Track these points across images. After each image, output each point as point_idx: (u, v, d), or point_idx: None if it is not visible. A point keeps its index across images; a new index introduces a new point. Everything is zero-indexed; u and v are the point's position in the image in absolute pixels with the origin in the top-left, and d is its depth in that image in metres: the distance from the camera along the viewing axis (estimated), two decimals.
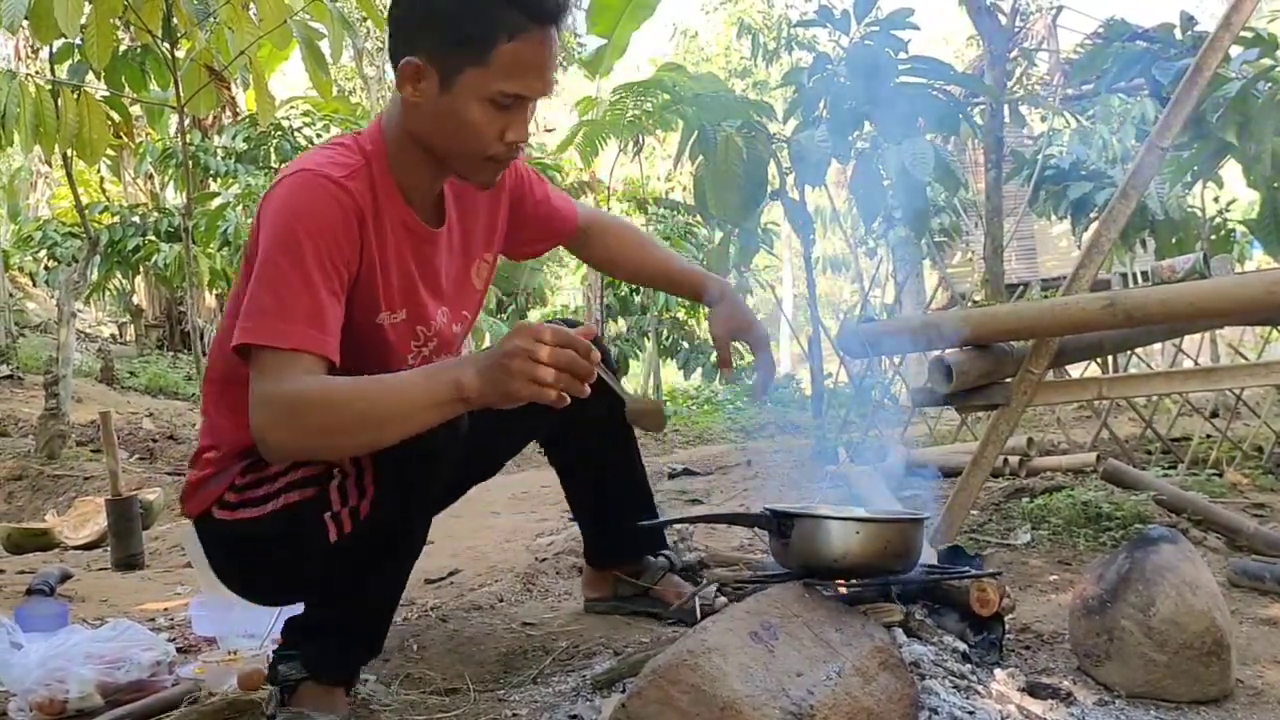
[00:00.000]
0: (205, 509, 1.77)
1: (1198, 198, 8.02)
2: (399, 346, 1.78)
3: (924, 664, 1.69)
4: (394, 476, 1.61)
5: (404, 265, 1.73)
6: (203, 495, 1.78)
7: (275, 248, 1.56)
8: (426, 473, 1.64)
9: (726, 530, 3.32)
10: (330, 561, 1.66)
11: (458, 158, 1.68)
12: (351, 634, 1.76)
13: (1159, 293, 2.58)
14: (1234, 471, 3.87)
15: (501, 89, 1.57)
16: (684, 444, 8.80)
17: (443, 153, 1.68)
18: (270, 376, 1.50)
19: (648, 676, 1.45)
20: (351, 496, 1.61)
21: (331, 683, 1.73)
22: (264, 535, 1.70)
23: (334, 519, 1.61)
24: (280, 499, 1.68)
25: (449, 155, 1.68)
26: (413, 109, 1.64)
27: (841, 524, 1.75)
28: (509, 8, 1.54)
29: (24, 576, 3.25)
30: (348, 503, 1.61)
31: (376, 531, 1.64)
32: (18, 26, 4.48)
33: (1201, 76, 2.79)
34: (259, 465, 1.71)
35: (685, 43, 25.14)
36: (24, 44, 12.90)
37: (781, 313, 17.97)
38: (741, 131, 5.38)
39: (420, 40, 1.59)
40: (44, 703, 1.85)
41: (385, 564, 1.73)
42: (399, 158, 1.70)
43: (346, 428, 1.50)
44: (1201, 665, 1.76)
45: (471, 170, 1.71)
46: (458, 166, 1.71)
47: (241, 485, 1.73)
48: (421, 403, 1.47)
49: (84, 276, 9.87)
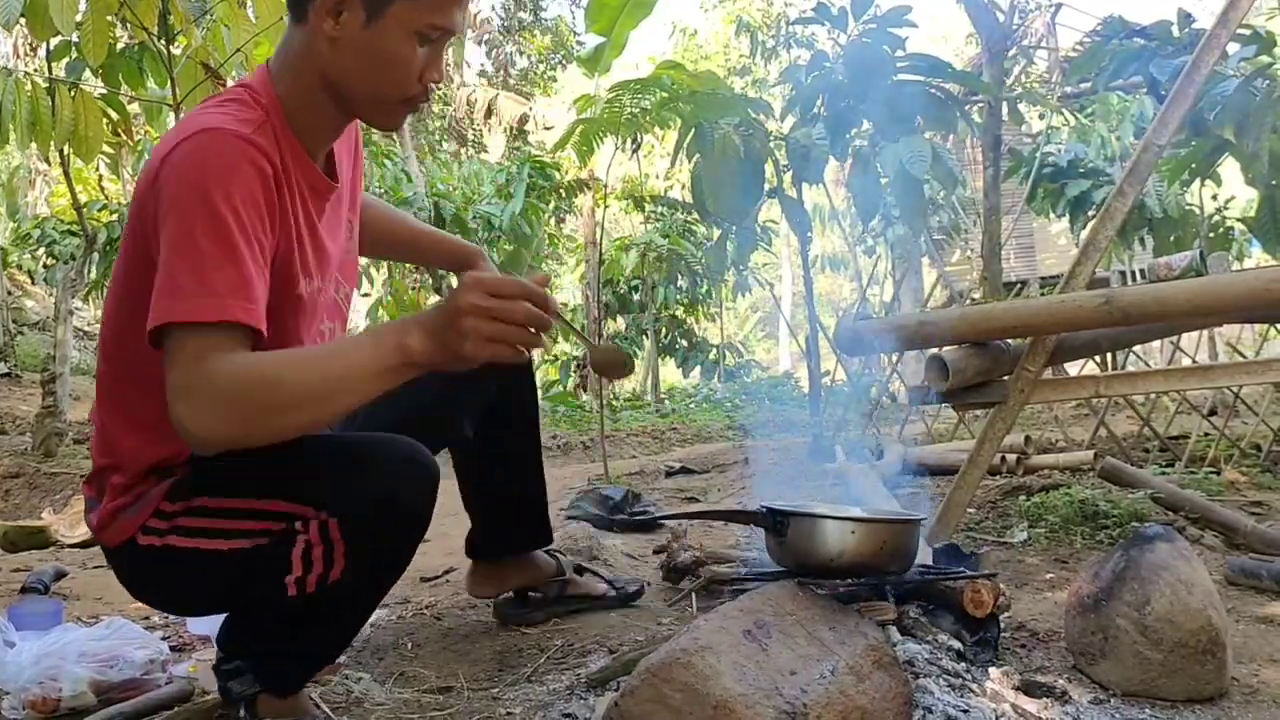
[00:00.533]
0: (128, 537, 1.58)
1: (1196, 195, 8.02)
2: (315, 319, 1.63)
3: (918, 662, 1.69)
4: (370, 547, 1.52)
5: (314, 228, 1.59)
6: (122, 524, 1.57)
7: (189, 218, 1.36)
8: (404, 537, 1.57)
9: (723, 528, 3.32)
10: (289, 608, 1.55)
11: (372, 100, 1.55)
12: (311, 655, 1.69)
13: (1156, 290, 2.57)
14: (1232, 469, 3.87)
15: (431, 21, 1.48)
16: (681, 442, 8.80)
17: (359, 95, 1.54)
18: (192, 358, 1.32)
19: (641, 675, 1.45)
20: (317, 565, 1.50)
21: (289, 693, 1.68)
22: (200, 566, 1.55)
23: (297, 583, 1.51)
24: (222, 541, 1.53)
25: (363, 98, 1.55)
26: (327, 47, 1.49)
27: (837, 523, 1.75)
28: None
29: (19, 574, 3.26)
30: (312, 570, 1.50)
31: (344, 591, 1.54)
32: (14, 24, 4.47)
33: (1199, 74, 2.79)
34: (183, 491, 1.55)
35: (684, 41, 25.14)
36: (20, 42, 12.87)
37: (780, 311, 17.97)
38: (739, 129, 5.38)
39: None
40: (37, 701, 1.84)
41: (355, 606, 1.66)
42: (299, 109, 1.55)
43: (286, 405, 1.34)
44: (1197, 664, 1.76)
45: (383, 113, 1.59)
46: (369, 110, 1.58)
47: (170, 513, 1.55)
48: (368, 370, 1.35)
49: (82, 274, 9.87)
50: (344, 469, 1.51)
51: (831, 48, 5.75)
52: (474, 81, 20.37)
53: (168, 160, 1.41)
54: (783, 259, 25.65)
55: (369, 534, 1.50)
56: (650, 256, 15.41)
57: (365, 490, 1.49)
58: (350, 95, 1.54)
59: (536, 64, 21.37)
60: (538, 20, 20.73)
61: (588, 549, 2.98)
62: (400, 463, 1.52)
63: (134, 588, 1.69)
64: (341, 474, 1.51)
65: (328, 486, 1.50)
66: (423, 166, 13.37)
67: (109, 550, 1.63)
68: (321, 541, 1.49)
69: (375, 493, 1.49)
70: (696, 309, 17.56)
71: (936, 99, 5.11)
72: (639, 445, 8.72)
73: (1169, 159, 5.43)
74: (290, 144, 1.54)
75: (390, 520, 1.52)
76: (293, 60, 1.54)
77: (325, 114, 1.57)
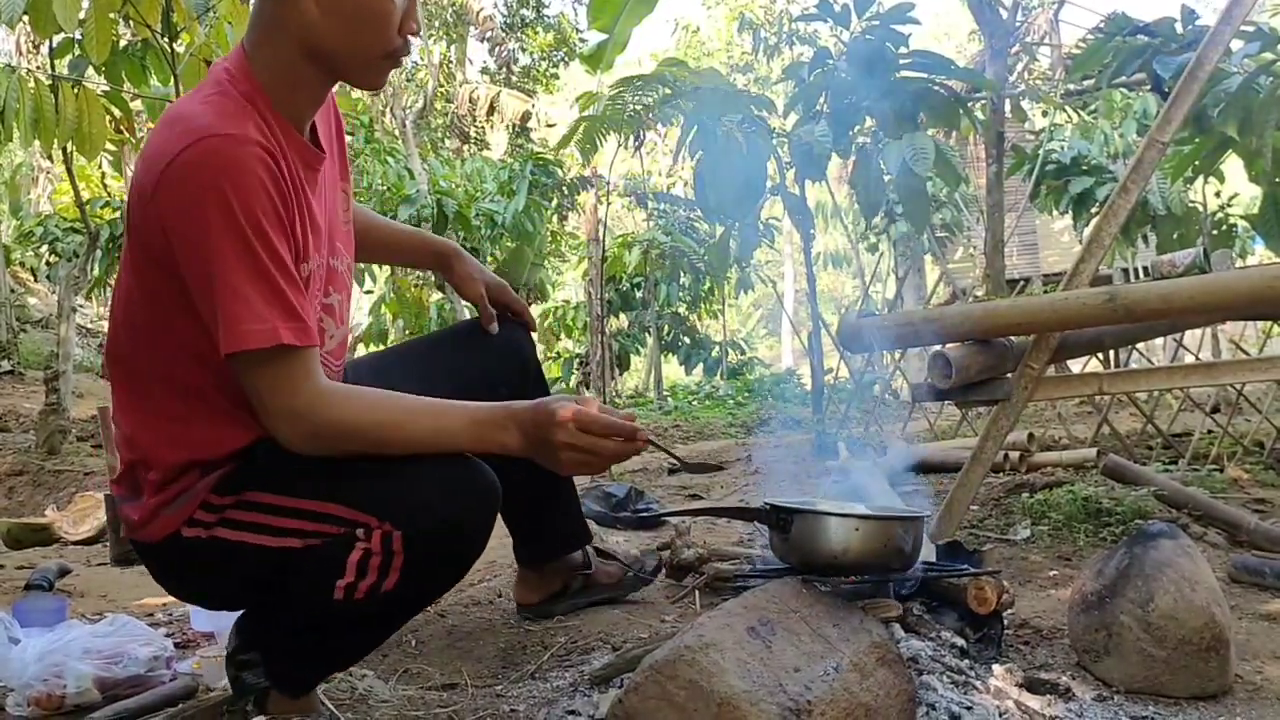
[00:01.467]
0: (172, 532, 1.57)
1: (1199, 192, 8.01)
2: (313, 294, 1.61)
3: (922, 659, 1.69)
4: (429, 564, 1.53)
5: (310, 206, 1.59)
6: (165, 519, 1.57)
7: (219, 241, 1.39)
8: (462, 559, 1.58)
9: (727, 525, 3.32)
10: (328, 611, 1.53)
11: (355, 59, 1.55)
12: (333, 659, 1.68)
13: (1159, 288, 2.57)
14: (1235, 467, 3.87)
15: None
16: (684, 439, 8.80)
17: (341, 55, 1.53)
18: (282, 381, 1.44)
19: (645, 672, 1.45)
20: (372, 574, 1.49)
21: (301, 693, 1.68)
22: (244, 560, 1.56)
23: (347, 588, 1.49)
24: (271, 537, 1.53)
25: (346, 58, 1.54)
26: (303, 13, 1.49)
27: (841, 520, 1.74)
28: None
29: (23, 571, 3.26)
30: (366, 578, 1.49)
31: (389, 603, 1.54)
32: (17, 21, 4.47)
33: (1203, 71, 2.78)
34: (233, 484, 1.56)
35: (687, 38, 25.12)
36: (23, 39, 12.88)
37: (782, 308, 17.96)
38: (742, 126, 5.38)
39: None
40: (42, 697, 1.85)
41: (392, 617, 1.65)
42: (281, 83, 1.54)
43: (382, 453, 1.50)
44: (1200, 661, 1.76)
45: (368, 71, 1.58)
46: (353, 70, 1.57)
47: (219, 505, 1.56)
48: (463, 449, 1.51)
49: (85, 272, 9.88)
50: (414, 484, 1.50)
51: (834, 45, 5.74)
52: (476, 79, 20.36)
53: (169, 173, 1.40)
54: (785, 256, 25.64)
55: (431, 552, 1.51)
56: (653, 254, 15.41)
57: (435, 509, 1.49)
58: (332, 57, 1.54)
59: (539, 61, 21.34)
60: (540, 17, 20.71)
61: None
62: (471, 485, 1.52)
63: (170, 581, 1.69)
64: (412, 489, 1.49)
65: (396, 499, 1.49)
66: (425, 164, 13.36)
67: (147, 546, 1.63)
68: (382, 552, 1.48)
69: (444, 513, 1.49)
70: (699, 306, 17.57)
71: (939, 96, 5.10)
72: None
73: (1172, 156, 5.42)
74: (278, 122, 1.53)
75: (454, 541, 1.53)
76: (269, 33, 1.53)
77: (308, 83, 1.56)
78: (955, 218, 14.39)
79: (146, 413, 1.58)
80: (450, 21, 19.24)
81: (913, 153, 4.90)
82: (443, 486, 1.50)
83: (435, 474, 1.51)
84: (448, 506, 1.49)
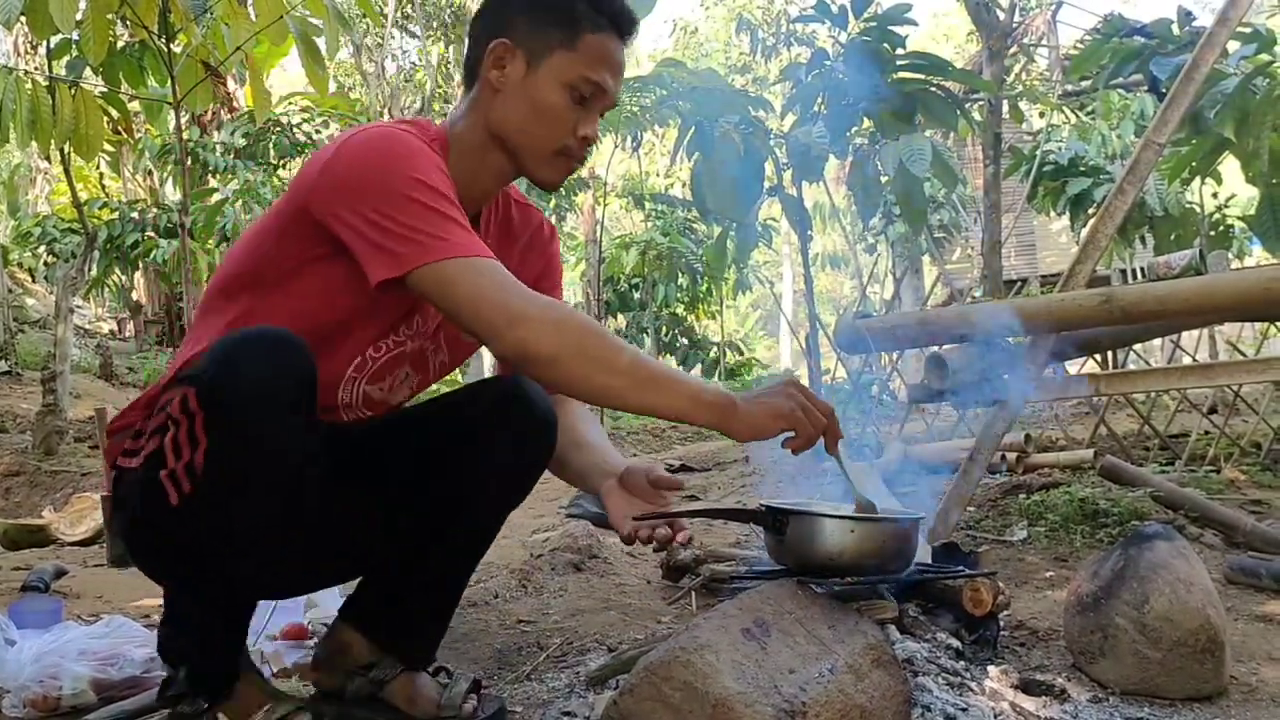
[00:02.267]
0: (113, 461, 1.55)
1: (1196, 193, 8.02)
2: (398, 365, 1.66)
3: (917, 661, 1.69)
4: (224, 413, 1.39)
5: None
6: (114, 444, 1.56)
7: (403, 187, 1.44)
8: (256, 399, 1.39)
9: (723, 526, 3.32)
10: (178, 533, 1.44)
11: (530, 148, 1.64)
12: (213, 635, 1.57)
13: (1156, 289, 2.57)
14: (1231, 468, 3.87)
15: (585, 74, 1.60)
16: (682, 440, 8.81)
17: (517, 143, 1.63)
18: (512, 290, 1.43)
19: (640, 673, 1.45)
20: (184, 446, 1.40)
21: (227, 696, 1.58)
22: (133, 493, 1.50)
23: (171, 478, 1.40)
24: (147, 442, 1.47)
25: (521, 147, 1.63)
26: (491, 95, 1.62)
27: (837, 522, 1.74)
28: (597, 9, 1.62)
29: (19, 572, 3.26)
30: (181, 455, 1.40)
31: (219, 493, 1.40)
32: (14, 22, 4.47)
33: (1199, 72, 2.79)
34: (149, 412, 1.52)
35: (685, 38, 25.14)
36: (21, 40, 12.88)
37: (780, 309, 17.97)
38: (739, 127, 5.37)
39: (512, 23, 1.61)
40: (38, 699, 1.84)
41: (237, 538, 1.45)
42: (463, 152, 1.65)
43: (614, 364, 1.43)
44: (1195, 662, 1.76)
45: (541, 164, 1.66)
46: (528, 160, 1.65)
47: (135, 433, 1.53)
48: (686, 389, 1.47)
49: (83, 272, 9.86)
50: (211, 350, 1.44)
51: (832, 46, 5.74)
52: None
53: (348, 143, 1.50)
54: (783, 257, 25.65)
55: (223, 400, 1.38)
56: (651, 254, 15.42)
57: (218, 357, 1.41)
58: (510, 144, 1.64)
59: None
60: None
61: (588, 548, 2.99)
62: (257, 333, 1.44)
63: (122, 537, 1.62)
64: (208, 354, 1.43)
65: (196, 369, 1.43)
66: None
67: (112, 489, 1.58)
68: (183, 415, 1.40)
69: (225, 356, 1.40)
70: (697, 307, 17.58)
71: (937, 97, 5.10)
72: (639, 443, 8.73)
73: (1169, 157, 5.42)
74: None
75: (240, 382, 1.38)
76: (463, 118, 1.66)
77: (486, 162, 1.66)
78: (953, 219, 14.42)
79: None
80: (449, 23, 19.26)
81: (910, 154, 4.90)
82: (229, 340, 1.43)
83: (228, 338, 1.44)
84: (229, 352, 1.40)
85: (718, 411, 1.46)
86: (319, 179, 1.50)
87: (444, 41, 19.73)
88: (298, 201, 1.52)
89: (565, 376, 1.45)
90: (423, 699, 1.73)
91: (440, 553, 1.72)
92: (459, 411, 1.69)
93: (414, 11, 18.52)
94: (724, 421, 1.47)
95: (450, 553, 1.74)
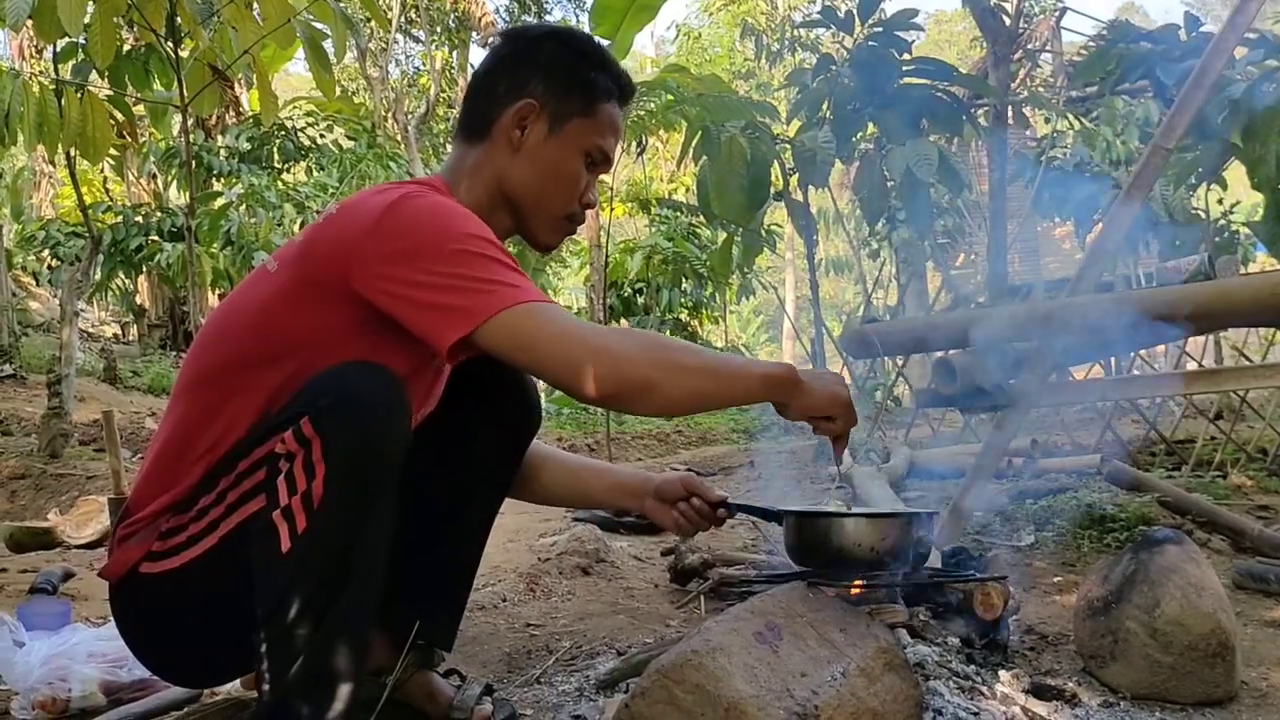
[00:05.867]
0: (129, 568, 1.50)
1: (1202, 199, 8.01)
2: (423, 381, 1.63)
3: (928, 665, 1.69)
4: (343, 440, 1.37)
5: None
6: (126, 551, 1.51)
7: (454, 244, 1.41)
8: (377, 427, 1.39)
9: (731, 530, 3.32)
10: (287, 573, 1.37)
11: (539, 212, 1.65)
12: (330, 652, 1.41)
13: (1163, 294, 2.57)
14: (1238, 474, 3.86)
15: (598, 143, 1.64)
16: (687, 445, 8.81)
17: (528, 205, 1.64)
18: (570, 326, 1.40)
19: (652, 676, 1.45)
20: (300, 478, 1.37)
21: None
22: (202, 579, 1.45)
23: (286, 515, 1.36)
24: (228, 519, 1.44)
25: (531, 208, 1.64)
26: (510, 155, 1.61)
27: (855, 520, 1.74)
28: (611, 79, 1.66)
29: (27, 575, 3.25)
30: (296, 488, 1.36)
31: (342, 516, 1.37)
32: (21, 25, 4.48)
33: (1206, 78, 2.79)
34: (186, 506, 1.48)
35: (689, 44, 25.15)
36: (28, 43, 12.90)
37: (785, 314, 17.96)
38: (745, 132, 5.38)
39: (532, 85, 1.61)
40: (47, 701, 1.85)
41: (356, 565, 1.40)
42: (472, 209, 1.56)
43: (687, 366, 1.43)
44: (1206, 667, 1.76)
45: (547, 227, 1.68)
46: (534, 221, 1.66)
47: (169, 530, 1.48)
48: (754, 373, 1.50)
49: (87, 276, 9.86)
50: (313, 381, 1.42)
51: (837, 51, 5.75)
52: None
53: (400, 203, 1.44)
54: (787, 262, 25.64)
55: (343, 428, 1.37)
56: (655, 259, 15.42)
57: (334, 385, 1.40)
58: (520, 205, 1.64)
59: None
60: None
61: (595, 551, 2.99)
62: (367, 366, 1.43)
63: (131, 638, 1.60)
64: (312, 385, 1.41)
65: (300, 399, 1.41)
66: (428, 169, 13.38)
67: (113, 590, 1.56)
68: (299, 446, 1.37)
69: (344, 385, 1.40)
70: (701, 312, 17.55)
71: (942, 102, 5.12)
72: (644, 448, 8.71)
73: (1175, 162, 5.42)
74: None
75: (361, 410, 1.38)
76: (468, 173, 1.64)
77: (492, 222, 1.57)
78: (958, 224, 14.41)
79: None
80: (452, 27, 19.29)
81: (915, 159, 4.90)
82: (340, 371, 1.42)
83: (332, 369, 1.42)
84: (346, 380, 1.40)
85: (787, 388, 1.51)
86: (364, 247, 1.43)
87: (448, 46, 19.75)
88: (334, 270, 1.45)
89: (665, 399, 1.43)
90: (442, 696, 1.75)
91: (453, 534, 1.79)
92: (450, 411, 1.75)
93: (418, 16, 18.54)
94: (789, 397, 1.52)
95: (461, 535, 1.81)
